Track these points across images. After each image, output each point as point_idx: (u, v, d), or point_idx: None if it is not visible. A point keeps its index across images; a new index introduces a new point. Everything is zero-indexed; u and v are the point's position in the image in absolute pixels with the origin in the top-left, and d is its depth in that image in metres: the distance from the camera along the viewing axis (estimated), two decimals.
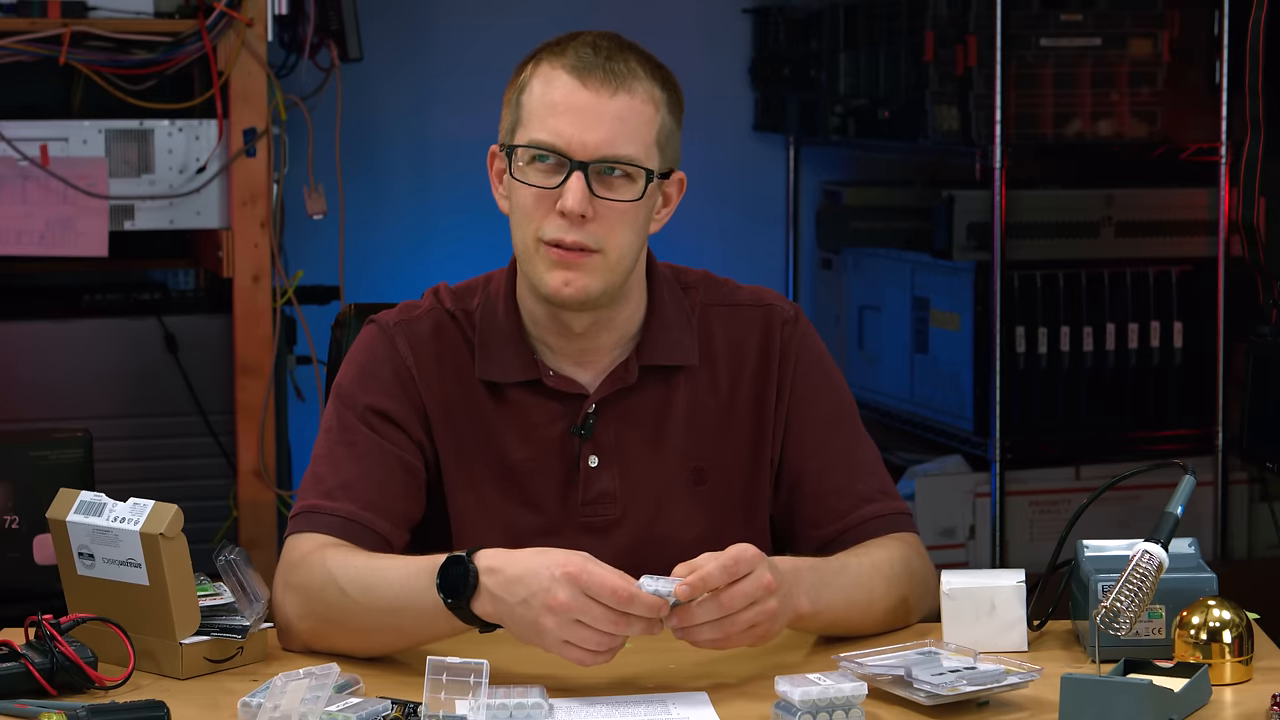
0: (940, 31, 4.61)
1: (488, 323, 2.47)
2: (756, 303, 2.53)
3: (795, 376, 2.50)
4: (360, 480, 2.40)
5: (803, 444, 2.49)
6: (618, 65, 2.38)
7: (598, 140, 2.35)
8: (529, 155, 2.37)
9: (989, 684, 2.11)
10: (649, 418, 2.47)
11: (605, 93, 2.36)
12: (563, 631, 2.12)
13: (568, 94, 2.36)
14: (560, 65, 2.38)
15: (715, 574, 2.13)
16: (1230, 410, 4.59)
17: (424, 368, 2.46)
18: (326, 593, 2.29)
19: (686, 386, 2.48)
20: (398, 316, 2.50)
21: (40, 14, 3.85)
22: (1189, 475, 2.25)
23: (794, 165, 5.30)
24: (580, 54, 2.38)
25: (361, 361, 2.48)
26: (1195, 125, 4.61)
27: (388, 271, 4.84)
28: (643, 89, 2.39)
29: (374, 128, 4.95)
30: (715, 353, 2.50)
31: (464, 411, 2.46)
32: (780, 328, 2.51)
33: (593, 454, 2.45)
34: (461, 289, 2.52)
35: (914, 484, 4.70)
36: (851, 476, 2.49)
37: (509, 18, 4.91)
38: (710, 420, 2.48)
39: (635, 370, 2.46)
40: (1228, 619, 2.20)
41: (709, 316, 2.51)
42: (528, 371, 2.45)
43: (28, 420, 3.93)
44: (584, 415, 2.45)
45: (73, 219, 3.89)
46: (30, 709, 2.08)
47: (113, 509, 2.23)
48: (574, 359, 2.46)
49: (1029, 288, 4.60)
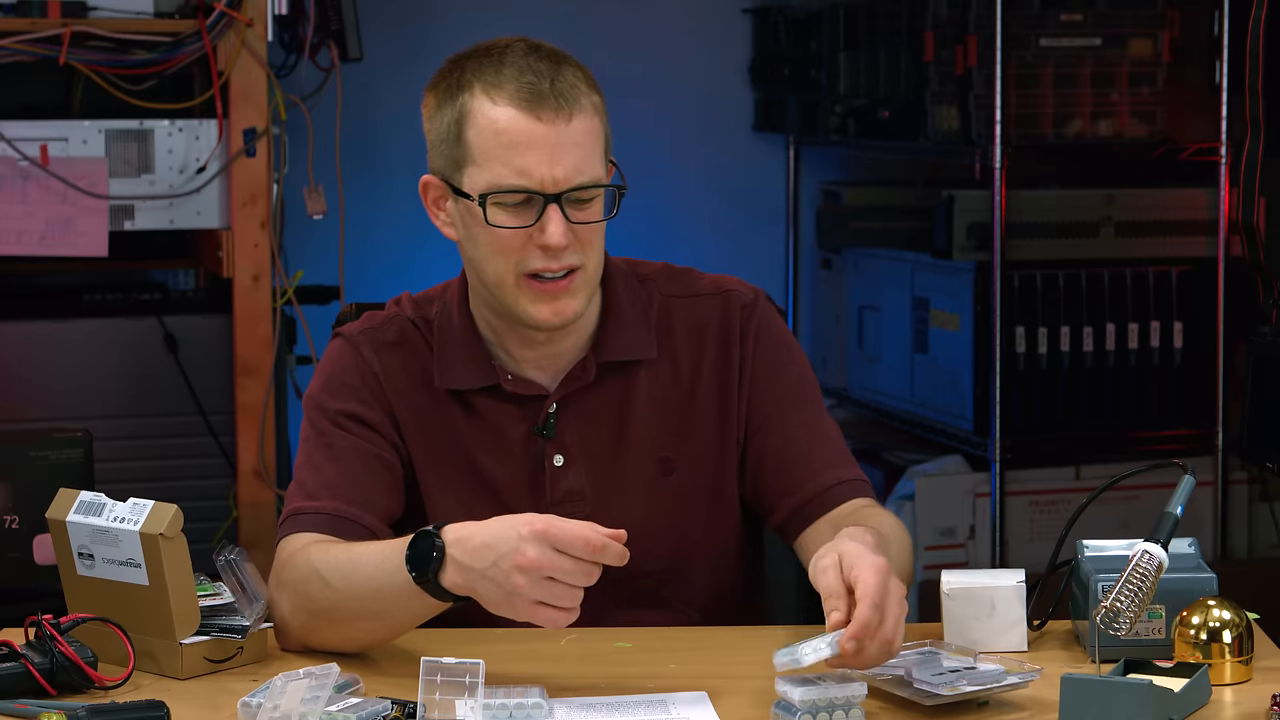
0: (940, 31, 4.61)
1: (444, 332, 2.49)
2: (716, 290, 2.54)
3: (756, 355, 2.51)
4: (341, 479, 2.42)
5: (765, 420, 2.50)
6: (562, 86, 2.36)
7: (565, 171, 2.35)
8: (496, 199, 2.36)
9: (989, 684, 2.11)
10: (611, 413, 2.48)
11: (561, 120, 2.35)
12: (535, 590, 2.11)
13: (525, 130, 2.34)
14: (503, 98, 2.35)
15: (871, 617, 2.06)
16: (1230, 410, 4.59)
17: (390, 374, 2.48)
18: (310, 585, 2.30)
19: (648, 379, 2.49)
20: (361, 326, 2.52)
21: (40, 14, 3.85)
22: (1189, 475, 2.25)
23: (794, 165, 5.30)
24: (522, 81, 2.35)
25: (329, 372, 2.50)
26: (1195, 125, 4.61)
27: (388, 271, 4.83)
28: (588, 104, 2.38)
29: (374, 128, 4.95)
30: (676, 343, 2.50)
31: (432, 417, 2.48)
32: (739, 311, 2.52)
33: (557, 453, 2.47)
34: (421, 298, 2.54)
35: (914, 484, 4.70)
36: (813, 446, 2.50)
37: (509, 17, 4.91)
38: (674, 410, 2.49)
39: (593, 368, 2.47)
40: (1228, 619, 2.20)
41: (669, 307, 2.52)
42: (486, 378, 2.47)
43: (28, 420, 3.93)
44: (545, 415, 2.46)
45: (73, 219, 3.89)
46: (30, 709, 2.08)
47: (112, 509, 2.23)
48: (532, 363, 2.48)
49: (1029, 288, 4.59)
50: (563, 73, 2.37)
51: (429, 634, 2.38)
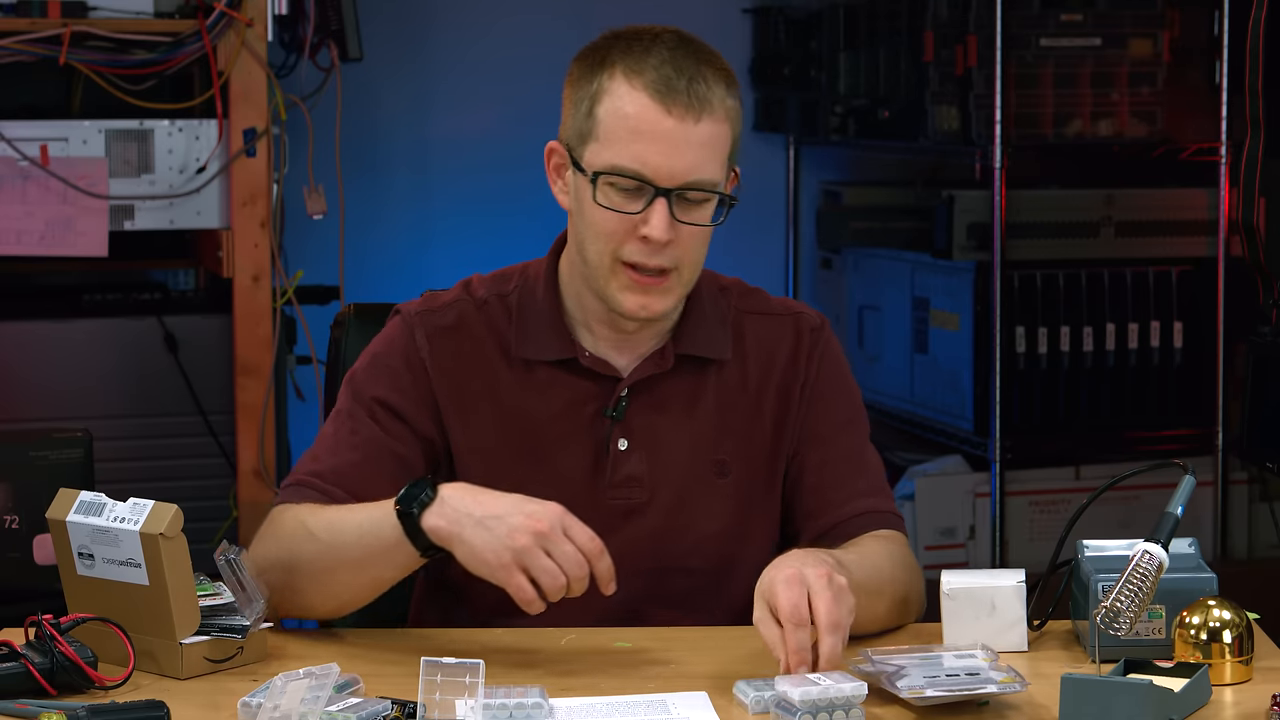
0: (940, 31, 4.61)
1: (526, 305, 2.50)
2: (786, 311, 2.58)
3: (818, 377, 2.54)
4: (353, 469, 2.44)
5: (812, 438, 2.53)
6: (699, 87, 2.38)
7: (684, 168, 2.37)
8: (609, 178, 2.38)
9: (986, 686, 2.11)
10: (680, 406, 2.50)
11: (690, 119, 2.37)
12: (530, 557, 2.18)
13: (653, 120, 2.36)
14: (640, 84, 2.37)
15: (796, 635, 2.13)
16: (1230, 410, 4.59)
17: (439, 358, 2.49)
18: (295, 539, 2.35)
19: (718, 380, 2.51)
20: (420, 307, 2.54)
21: (40, 14, 3.85)
22: (1189, 475, 2.25)
23: (794, 165, 5.30)
24: (662, 73, 2.38)
25: (376, 351, 2.52)
26: (1195, 125, 4.61)
27: (388, 271, 4.83)
28: (721, 109, 2.40)
29: (374, 128, 4.95)
30: (746, 352, 2.53)
31: (486, 398, 2.48)
32: (809, 334, 2.55)
33: (622, 437, 2.48)
34: (495, 276, 2.56)
35: (914, 484, 4.70)
36: (850, 473, 2.52)
37: (509, 17, 4.91)
38: (738, 415, 2.51)
39: (671, 357, 2.49)
40: (1228, 619, 2.20)
41: (741, 320, 2.55)
42: (564, 351, 2.49)
43: (28, 420, 3.93)
44: (617, 398, 2.47)
45: (73, 219, 3.89)
46: (30, 709, 2.08)
47: (113, 509, 2.23)
48: (612, 344, 2.50)
49: (1029, 288, 4.60)
50: (702, 72, 2.39)
51: (430, 634, 2.38)
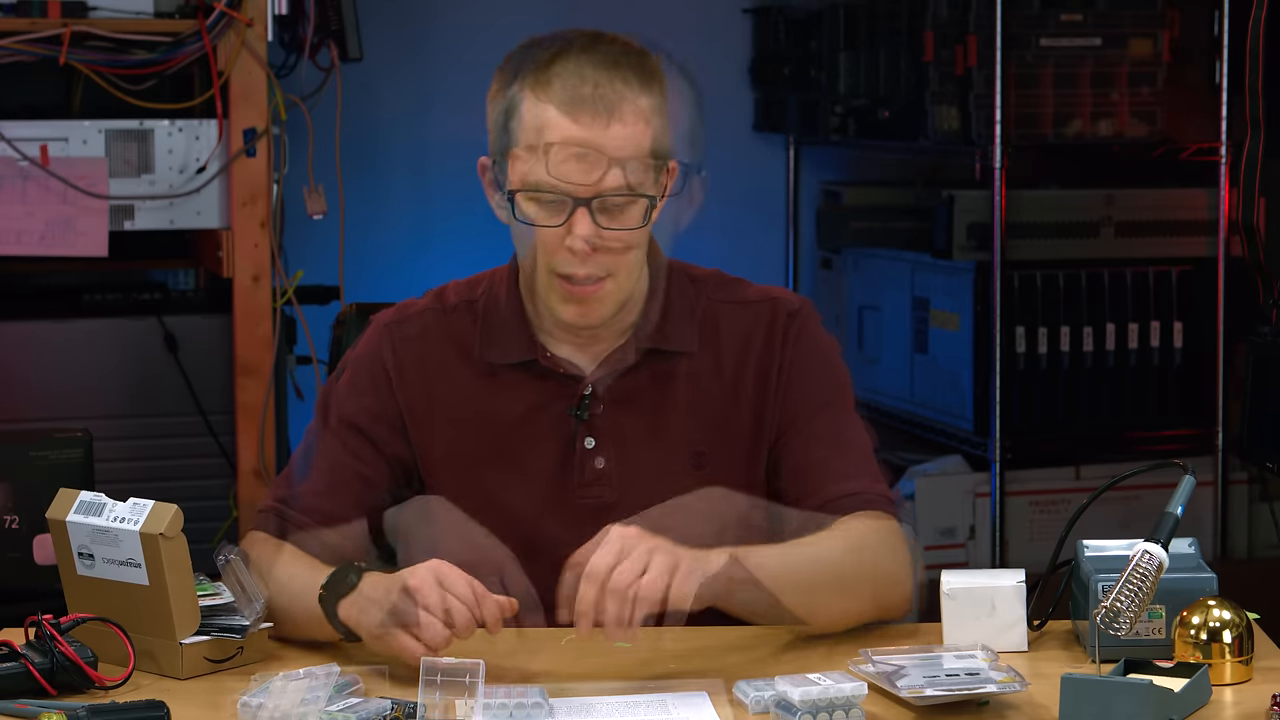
0: (940, 31, 4.61)
1: (490, 309, 2.51)
2: (763, 298, 2.56)
3: (793, 361, 2.51)
4: (317, 497, 2.48)
5: (792, 423, 2.50)
6: (605, 92, 2.37)
7: (599, 175, 2.36)
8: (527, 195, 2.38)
9: (986, 686, 2.11)
10: (648, 402, 2.49)
11: (598, 126, 2.36)
12: (402, 615, 2.16)
13: (562, 130, 2.35)
14: (546, 96, 2.37)
15: (583, 588, 2.15)
16: (1230, 410, 4.59)
17: (405, 370, 2.51)
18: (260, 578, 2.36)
19: (688, 373, 2.50)
20: (391, 317, 2.56)
21: (40, 14, 3.85)
22: (1189, 475, 2.25)
23: (794, 165, 5.30)
24: (567, 82, 2.37)
25: (352, 363, 2.55)
26: (1195, 125, 4.61)
27: (388, 271, 4.83)
28: (633, 110, 2.38)
29: (374, 128, 4.95)
30: (720, 342, 2.52)
31: (453, 406, 2.49)
32: (785, 318, 2.53)
33: (589, 436, 2.47)
34: (469, 282, 2.57)
35: (914, 484, 4.70)
36: (832, 454, 2.49)
37: (508, 17, 4.91)
38: (713, 405, 2.50)
39: (633, 354, 2.49)
40: (1228, 619, 2.20)
41: (716, 311, 2.54)
42: (527, 353, 2.49)
43: (28, 420, 3.93)
44: (580, 397, 2.47)
45: (73, 219, 3.89)
46: (30, 709, 2.08)
47: (112, 509, 2.23)
48: (575, 344, 2.50)
49: (1029, 288, 4.60)
50: (610, 77, 2.38)
51: None
